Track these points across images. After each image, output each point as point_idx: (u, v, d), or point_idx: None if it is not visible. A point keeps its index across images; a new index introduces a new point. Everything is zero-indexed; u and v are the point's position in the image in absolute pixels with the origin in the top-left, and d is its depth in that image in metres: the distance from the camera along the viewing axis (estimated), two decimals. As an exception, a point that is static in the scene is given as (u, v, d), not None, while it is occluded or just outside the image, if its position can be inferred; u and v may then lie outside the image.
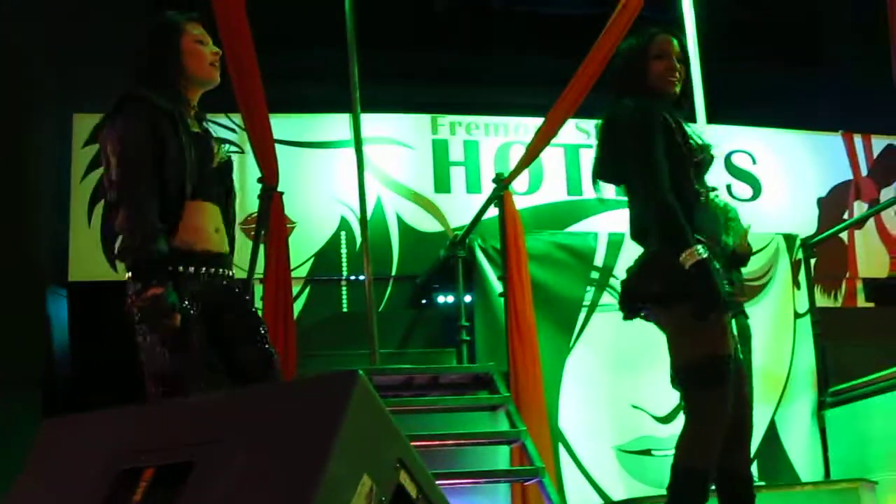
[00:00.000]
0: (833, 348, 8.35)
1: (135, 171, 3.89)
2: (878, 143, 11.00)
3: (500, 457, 6.81)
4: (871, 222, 10.59)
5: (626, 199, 4.72)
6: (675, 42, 4.66)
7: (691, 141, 4.50)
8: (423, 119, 10.19)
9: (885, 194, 10.54)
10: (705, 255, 4.20)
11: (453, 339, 8.06)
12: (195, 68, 4.18)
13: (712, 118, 8.69)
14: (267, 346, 4.19)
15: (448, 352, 8.12)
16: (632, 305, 4.56)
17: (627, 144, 4.49)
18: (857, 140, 11.01)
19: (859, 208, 10.77)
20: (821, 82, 10.35)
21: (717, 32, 9.18)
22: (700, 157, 4.53)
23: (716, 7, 9.19)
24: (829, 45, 10.27)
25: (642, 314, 4.57)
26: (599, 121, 4.73)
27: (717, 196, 6.62)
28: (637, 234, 4.61)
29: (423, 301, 9.50)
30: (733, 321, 4.69)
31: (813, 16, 10.17)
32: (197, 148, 4.08)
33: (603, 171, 4.72)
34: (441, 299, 9.30)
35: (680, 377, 4.39)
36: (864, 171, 10.95)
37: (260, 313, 6.46)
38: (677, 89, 4.62)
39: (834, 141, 11.00)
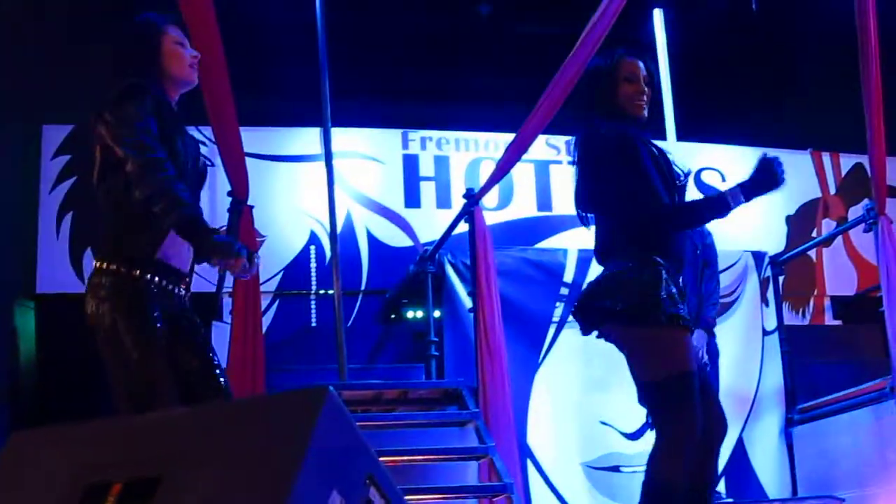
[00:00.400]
0: (801, 365, 8.39)
1: (152, 145, 3.83)
2: (847, 162, 11.06)
3: (469, 472, 6.81)
4: (839, 240, 10.65)
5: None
6: (643, 65, 4.71)
7: (675, 168, 4.56)
8: (394, 134, 10.19)
9: (854, 213, 10.58)
10: (736, 186, 4.33)
11: (422, 355, 8.06)
12: (175, 69, 4.18)
13: (682, 136, 8.73)
14: (220, 374, 4.13)
15: (417, 367, 8.12)
16: (589, 320, 4.58)
17: (603, 164, 4.51)
18: (826, 158, 11.07)
19: (828, 226, 10.82)
20: (790, 100, 10.40)
21: (687, 50, 9.22)
22: (681, 184, 4.59)
23: (686, 25, 9.24)
24: (798, 63, 10.32)
25: (597, 333, 4.60)
26: (573, 143, 4.76)
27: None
28: (601, 253, 4.64)
29: (393, 316, 9.49)
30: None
31: (783, 34, 10.21)
32: (190, 149, 4.09)
33: (580, 196, 4.74)
34: (410, 314, 9.29)
35: (647, 395, 4.41)
36: (832, 190, 11.01)
37: (229, 327, 6.51)
38: (644, 113, 4.67)
39: (803, 159, 11.05)
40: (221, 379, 4.08)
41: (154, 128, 3.87)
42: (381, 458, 2.59)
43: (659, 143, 4.70)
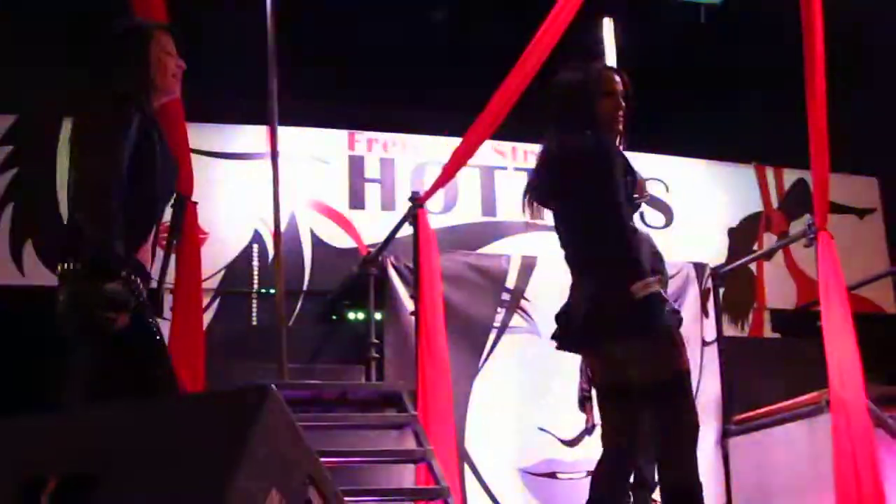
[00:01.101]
0: (738, 377, 8.44)
1: (107, 175, 3.67)
2: (790, 176, 11.16)
3: (406, 475, 6.81)
4: (779, 254, 10.74)
5: (553, 223, 4.76)
6: (620, 79, 4.74)
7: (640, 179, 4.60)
8: (340, 134, 10.18)
9: (795, 227, 10.67)
10: (657, 290, 4.30)
11: (363, 356, 8.04)
12: (160, 79, 4.07)
13: (627, 145, 8.76)
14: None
15: (357, 368, 8.10)
16: (586, 340, 4.56)
17: (589, 174, 4.51)
18: (770, 172, 11.17)
19: (769, 240, 10.92)
20: (735, 113, 10.46)
21: (635, 60, 9.25)
22: (646, 194, 4.63)
23: (635, 35, 9.27)
24: (744, 76, 10.38)
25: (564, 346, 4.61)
26: (541, 146, 4.77)
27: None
28: (580, 262, 4.62)
29: (334, 317, 9.45)
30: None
31: (731, 48, 10.27)
32: (167, 162, 4.02)
33: (544, 196, 4.73)
34: (352, 315, 9.26)
35: (660, 392, 4.43)
36: (774, 204, 11.10)
37: (169, 323, 6.45)
38: (620, 128, 4.69)
39: (746, 172, 11.15)
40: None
41: (127, 144, 3.74)
42: (319, 459, 2.59)
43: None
